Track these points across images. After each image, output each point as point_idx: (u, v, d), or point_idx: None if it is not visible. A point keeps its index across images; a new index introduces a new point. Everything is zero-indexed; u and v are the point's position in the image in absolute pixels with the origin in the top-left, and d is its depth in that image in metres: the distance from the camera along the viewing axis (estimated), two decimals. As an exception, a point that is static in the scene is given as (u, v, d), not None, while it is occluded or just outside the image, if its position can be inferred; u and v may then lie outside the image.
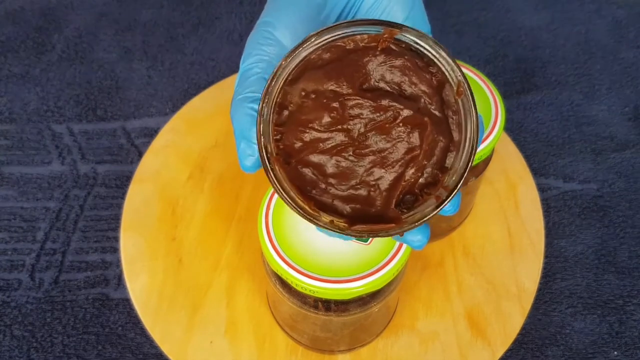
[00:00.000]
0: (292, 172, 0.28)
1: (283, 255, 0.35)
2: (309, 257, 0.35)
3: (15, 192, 0.52)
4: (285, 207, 0.37)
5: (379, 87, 0.28)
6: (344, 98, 0.28)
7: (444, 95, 0.28)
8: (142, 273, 0.46)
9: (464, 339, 0.43)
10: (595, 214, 0.52)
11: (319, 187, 0.28)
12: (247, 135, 0.29)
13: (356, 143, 0.28)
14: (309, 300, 0.37)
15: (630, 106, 0.58)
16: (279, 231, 0.36)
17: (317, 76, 0.27)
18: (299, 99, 0.28)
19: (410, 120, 0.28)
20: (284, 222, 0.37)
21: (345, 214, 0.28)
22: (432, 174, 0.28)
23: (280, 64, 0.27)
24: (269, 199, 0.37)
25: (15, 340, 0.45)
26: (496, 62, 0.61)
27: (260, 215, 0.37)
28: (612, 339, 0.46)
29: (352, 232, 0.27)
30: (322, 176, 0.28)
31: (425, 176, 0.28)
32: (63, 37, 0.63)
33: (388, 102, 0.27)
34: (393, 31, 0.27)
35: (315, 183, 0.28)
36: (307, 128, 0.28)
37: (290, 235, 0.36)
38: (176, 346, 0.43)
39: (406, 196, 0.28)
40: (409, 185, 0.28)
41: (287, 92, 0.28)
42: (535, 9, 0.66)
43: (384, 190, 0.28)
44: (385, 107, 0.27)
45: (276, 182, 0.27)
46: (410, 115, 0.27)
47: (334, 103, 0.27)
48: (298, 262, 0.35)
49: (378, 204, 0.28)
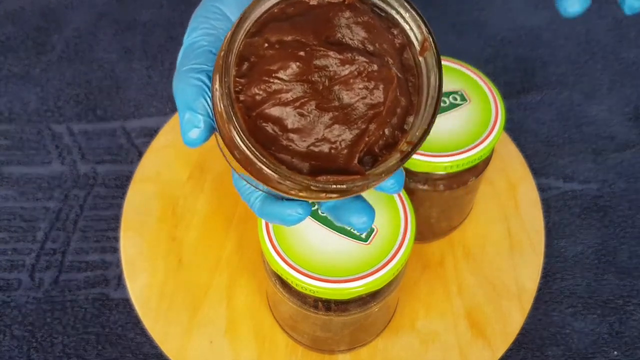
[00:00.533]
0: (251, 126, 0.26)
1: (283, 255, 0.35)
2: (309, 257, 0.35)
3: (15, 192, 0.52)
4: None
5: (345, 42, 0.27)
6: (310, 48, 0.27)
7: (403, 59, 0.28)
8: (142, 273, 0.46)
9: (464, 338, 0.43)
10: (596, 214, 0.52)
11: (279, 144, 0.27)
12: (192, 106, 0.27)
13: (320, 97, 0.27)
14: (309, 300, 0.37)
15: (631, 106, 0.58)
16: (279, 231, 0.36)
17: (282, 27, 0.27)
18: (262, 49, 0.27)
19: (376, 75, 0.27)
20: None
21: (305, 172, 0.27)
22: (392, 134, 0.27)
23: (242, 15, 0.26)
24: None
25: (15, 340, 0.45)
26: (496, 62, 0.61)
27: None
28: (612, 339, 0.46)
29: (316, 184, 0.26)
30: (282, 132, 0.27)
31: (386, 135, 0.27)
32: (63, 37, 0.63)
33: (354, 56, 0.27)
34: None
35: (274, 139, 0.27)
36: (270, 78, 0.26)
37: (290, 235, 0.36)
38: (176, 346, 0.43)
39: (365, 157, 0.27)
40: (370, 143, 0.27)
41: (248, 44, 0.26)
42: (536, 9, 0.66)
43: (346, 147, 0.27)
44: (351, 60, 0.27)
45: (240, 130, 0.25)
46: (376, 70, 0.27)
47: (300, 52, 0.26)
48: (298, 262, 0.35)
49: (340, 161, 0.27)
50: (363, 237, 0.36)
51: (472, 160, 0.40)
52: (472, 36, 0.63)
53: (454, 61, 0.44)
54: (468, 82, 0.43)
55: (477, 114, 0.41)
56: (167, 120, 0.55)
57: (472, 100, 0.42)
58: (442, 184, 0.42)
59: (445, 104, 0.42)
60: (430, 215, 0.45)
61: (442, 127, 0.41)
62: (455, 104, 0.42)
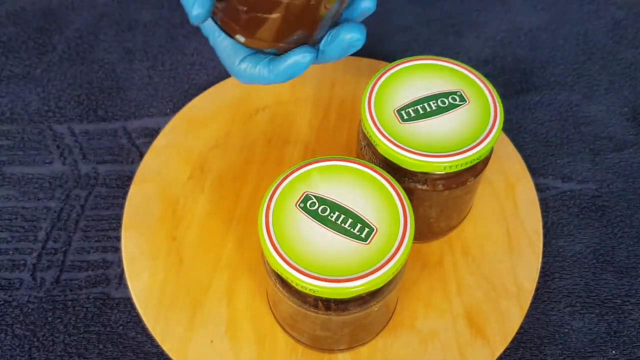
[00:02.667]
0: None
1: (283, 254, 0.35)
2: (309, 256, 0.35)
3: (17, 192, 0.53)
4: (286, 206, 0.37)
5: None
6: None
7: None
8: (143, 272, 0.47)
9: (463, 338, 0.44)
10: (594, 214, 0.52)
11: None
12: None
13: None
14: (309, 299, 0.37)
15: (629, 106, 0.59)
16: (279, 230, 0.36)
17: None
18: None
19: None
20: (284, 221, 0.37)
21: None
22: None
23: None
24: (269, 199, 0.38)
25: (16, 340, 0.45)
26: (495, 63, 0.61)
27: (261, 215, 0.37)
28: (610, 338, 0.46)
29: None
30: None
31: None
32: (64, 38, 0.63)
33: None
34: None
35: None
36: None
37: (290, 234, 0.36)
38: (177, 345, 0.43)
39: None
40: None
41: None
42: (534, 10, 0.66)
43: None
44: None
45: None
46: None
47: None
48: (298, 262, 0.35)
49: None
50: (363, 237, 0.36)
51: (471, 160, 0.40)
52: (471, 37, 0.64)
53: (453, 62, 0.44)
54: (467, 82, 0.43)
55: (476, 115, 0.42)
56: (168, 120, 0.55)
57: (471, 100, 0.42)
58: (441, 184, 0.42)
59: (444, 105, 0.42)
60: (429, 215, 0.45)
61: (441, 127, 0.41)
62: (454, 105, 0.42)
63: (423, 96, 0.42)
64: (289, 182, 0.38)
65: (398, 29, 0.64)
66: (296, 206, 0.37)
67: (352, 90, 0.57)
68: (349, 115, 0.55)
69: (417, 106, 0.42)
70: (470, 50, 0.62)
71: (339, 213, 0.37)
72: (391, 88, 0.43)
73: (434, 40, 0.63)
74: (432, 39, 0.63)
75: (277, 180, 0.39)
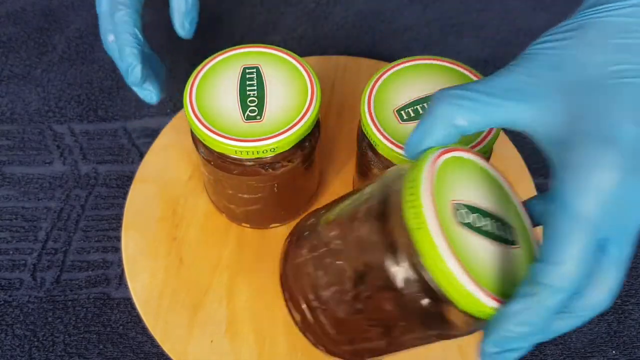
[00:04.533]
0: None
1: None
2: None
3: (17, 192, 0.53)
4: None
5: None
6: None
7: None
8: (143, 272, 0.47)
9: (464, 337, 0.44)
10: (594, 214, 0.52)
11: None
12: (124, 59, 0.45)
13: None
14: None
15: (629, 107, 0.59)
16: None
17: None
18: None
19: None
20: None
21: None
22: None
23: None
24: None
25: (17, 340, 0.45)
26: (495, 63, 0.61)
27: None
28: (610, 338, 0.46)
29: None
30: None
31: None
32: (64, 38, 0.63)
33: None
34: None
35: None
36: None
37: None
38: (177, 345, 0.43)
39: None
40: None
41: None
42: (534, 10, 0.66)
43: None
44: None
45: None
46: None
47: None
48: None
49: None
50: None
51: (471, 160, 0.40)
52: (471, 37, 0.64)
53: (453, 62, 0.44)
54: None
55: (476, 115, 0.42)
56: (168, 120, 0.55)
57: (471, 101, 0.42)
58: (441, 184, 0.42)
59: (445, 105, 0.42)
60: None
61: (441, 127, 0.41)
62: (454, 105, 0.42)
63: (423, 96, 0.42)
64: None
65: (398, 29, 0.64)
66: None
67: (352, 90, 0.57)
68: (349, 115, 0.55)
69: (417, 106, 0.42)
70: (470, 50, 0.63)
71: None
72: (391, 88, 0.43)
73: (434, 40, 0.63)
74: (432, 39, 0.63)
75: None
